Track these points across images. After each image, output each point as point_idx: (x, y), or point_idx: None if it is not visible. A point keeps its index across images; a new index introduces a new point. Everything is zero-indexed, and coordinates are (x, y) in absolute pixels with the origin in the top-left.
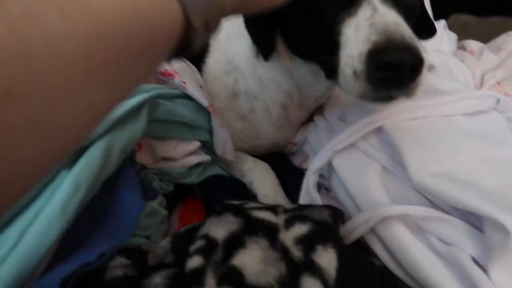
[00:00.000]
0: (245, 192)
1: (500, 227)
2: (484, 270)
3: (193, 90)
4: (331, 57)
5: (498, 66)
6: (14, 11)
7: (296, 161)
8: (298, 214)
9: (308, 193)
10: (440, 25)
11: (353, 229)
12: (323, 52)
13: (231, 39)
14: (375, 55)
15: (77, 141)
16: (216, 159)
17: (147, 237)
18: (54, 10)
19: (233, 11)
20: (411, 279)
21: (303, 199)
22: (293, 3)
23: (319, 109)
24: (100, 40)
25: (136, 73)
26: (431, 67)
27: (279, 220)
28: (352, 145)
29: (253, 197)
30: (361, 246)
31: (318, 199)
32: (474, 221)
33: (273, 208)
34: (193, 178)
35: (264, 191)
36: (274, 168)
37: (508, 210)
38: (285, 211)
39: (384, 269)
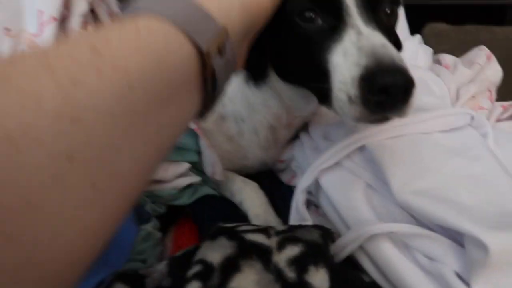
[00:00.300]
0: (236, 211)
1: (480, 244)
2: (468, 284)
3: None
4: (322, 84)
5: (472, 80)
6: (62, 79)
7: (284, 178)
8: (289, 235)
9: (298, 212)
10: (415, 40)
11: (342, 247)
12: (313, 79)
13: None
14: (368, 80)
15: (130, 202)
16: (206, 179)
17: (143, 261)
18: (93, 71)
19: (240, 35)
20: None
21: (293, 218)
22: (279, 33)
23: (304, 126)
24: (133, 92)
25: (171, 118)
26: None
27: (271, 242)
28: (338, 164)
29: (244, 215)
30: (351, 263)
31: (307, 217)
32: (457, 237)
33: (265, 231)
34: (185, 199)
35: (254, 211)
36: (263, 185)
37: (486, 226)
38: (277, 233)
39: (374, 284)
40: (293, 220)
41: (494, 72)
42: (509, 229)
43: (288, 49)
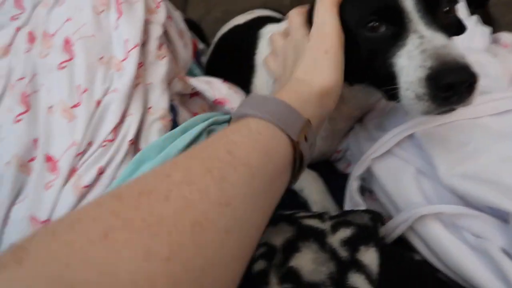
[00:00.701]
0: (296, 198)
1: None
2: None
3: None
4: (390, 85)
5: None
6: (216, 176)
7: (340, 166)
8: (342, 220)
9: (352, 198)
10: (471, 21)
11: (394, 228)
12: (381, 82)
13: None
14: (434, 79)
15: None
16: None
17: None
18: (232, 169)
19: (318, 126)
20: (449, 270)
21: (347, 204)
22: (346, 43)
23: (360, 118)
24: (254, 179)
25: (276, 190)
26: None
27: (326, 226)
28: (389, 152)
29: (303, 202)
30: (403, 243)
31: (360, 203)
32: (504, 215)
33: (320, 216)
34: None
35: (313, 197)
36: (321, 174)
37: None
38: (331, 217)
39: (424, 262)
40: (348, 206)
41: None
42: None
43: (354, 57)
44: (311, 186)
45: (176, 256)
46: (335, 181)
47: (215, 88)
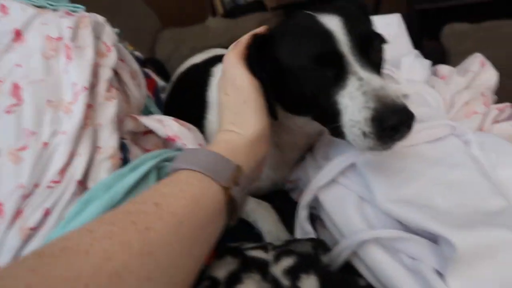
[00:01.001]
0: (251, 229)
1: (448, 243)
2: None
3: None
4: (333, 122)
5: (467, 87)
6: (141, 227)
7: (294, 196)
8: (284, 249)
9: (302, 227)
10: (412, 55)
11: (339, 254)
12: (324, 118)
13: None
14: (378, 120)
15: None
16: None
17: None
18: (158, 219)
19: (254, 170)
20: None
21: (298, 233)
22: (286, 80)
23: (310, 148)
24: (182, 225)
25: (209, 235)
26: (406, 96)
27: (269, 256)
28: (334, 181)
29: (258, 233)
30: (352, 269)
31: (310, 231)
32: (436, 237)
33: (264, 247)
34: None
35: (267, 228)
36: (275, 204)
37: (456, 226)
38: (274, 247)
39: (368, 287)
40: (298, 235)
41: (489, 76)
42: (477, 227)
43: (296, 93)
44: (263, 217)
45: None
46: (290, 210)
47: (166, 125)
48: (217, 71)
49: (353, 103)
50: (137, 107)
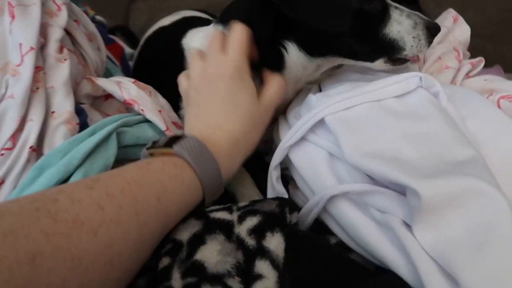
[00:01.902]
0: (225, 193)
1: (414, 192)
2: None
3: (150, 116)
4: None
5: (439, 42)
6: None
7: (268, 159)
8: (249, 209)
9: (273, 188)
10: None
11: (309, 212)
12: (366, 50)
13: None
14: (431, 29)
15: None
16: None
17: None
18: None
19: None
20: (362, 249)
21: (270, 194)
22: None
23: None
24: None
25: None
26: None
27: (233, 217)
28: (304, 139)
29: (231, 197)
30: (324, 227)
31: (282, 192)
32: (404, 189)
33: (228, 208)
34: None
35: (240, 191)
36: (250, 167)
37: (422, 176)
38: (239, 208)
39: (338, 244)
40: (270, 196)
41: (462, 31)
42: (443, 176)
43: (336, 34)
44: (237, 180)
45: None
46: (265, 173)
47: (124, 88)
48: (188, 42)
49: (405, 26)
50: (96, 70)
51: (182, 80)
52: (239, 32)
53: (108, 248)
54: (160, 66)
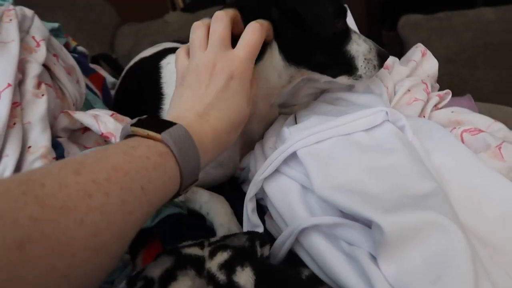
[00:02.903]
0: (202, 225)
1: (378, 226)
2: None
3: None
4: (344, 65)
5: (409, 75)
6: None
7: (245, 188)
8: (220, 244)
9: (249, 220)
10: None
11: (282, 244)
12: (333, 63)
13: None
14: (381, 56)
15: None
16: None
17: (111, 282)
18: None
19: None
20: (333, 282)
21: (245, 225)
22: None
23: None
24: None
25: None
26: (351, 86)
27: (204, 252)
28: (277, 171)
29: (209, 228)
30: (297, 259)
31: (258, 224)
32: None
33: (200, 243)
34: (148, 223)
35: (219, 220)
36: (228, 197)
37: (385, 210)
38: (210, 244)
39: (310, 277)
40: (246, 228)
41: (430, 65)
42: (404, 210)
43: (314, 42)
44: (216, 210)
45: (70, 277)
46: (240, 204)
47: (101, 121)
48: (166, 62)
49: (362, 48)
50: (75, 103)
51: (182, 57)
52: (255, 33)
53: (94, 236)
54: (139, 90)
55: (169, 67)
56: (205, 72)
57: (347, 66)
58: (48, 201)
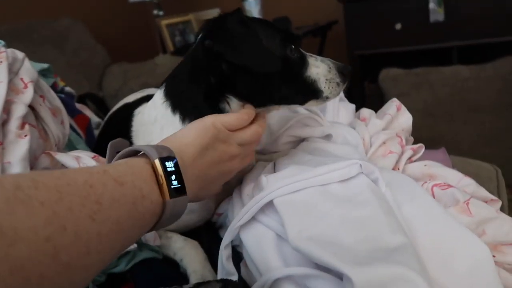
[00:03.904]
0: (176, 270)
1: (348, 278)
2: None
3: None
4: (307, 90)
5: (384, 129)
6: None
7: (222, 233)
8: None
9: (223, 267)
10: (336, 100)
11: None
12: (296, 92)
13: (154, 129)
14: (342, 72)
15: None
16: (142, 243)
17: None
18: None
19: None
20: None
21: (220, 273)
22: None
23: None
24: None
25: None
26: (329, 136)
27: None
28: (254, 219)
29: (184, 274)
30: None
31: (232, 271)
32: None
33: None
34: (122, 267)
35: (192, 267)
36: (203, 243)
37: (356, 263)
38: None
39: None
40: (220, 275)
41: (405, 119)
42: (375, 263)
43: (267, 80)
44: (190, 256)
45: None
46: (217, 249)
47: (83, 163)
48: (138, 111)
49: (322, 69)
50: (57, 144)
51: (210, 123)
52: (257, 134)
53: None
54: (115, 136)
55: (139, 116)
56: (224, 157)
57: (311, 91)
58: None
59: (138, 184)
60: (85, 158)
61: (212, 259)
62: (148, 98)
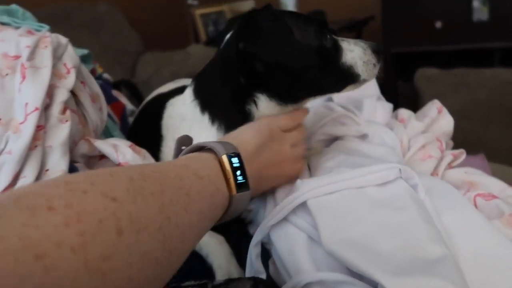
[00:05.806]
0: (203, 264)
1: None
2: None
3: None
4: (344, 77)
5: (424, 131)
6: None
7: (251, 230)
8: None
9: (252, 265)
10: (373, 98)
11: None
12: (332, 82)
13: (182, 126)
14: (377, 52)
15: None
16: None
17: None
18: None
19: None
20: None
21: (248, 271)
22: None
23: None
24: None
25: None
26: (365, 136)
27: None
28: (285, 219)
29: (210, 268)
30: None
31: (261, 270)
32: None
33: (203, 285)
34: None
35: (218, 262)
36: (231, 238)
37: (394, 273)
38: (213, 286)
39: None
40: (249, 273)
41: (446, 122)
42: (414, 275)
43: (303, 74)
44: (216, 251)
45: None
46: (246, 244)
47: (120, 151)
48: (170, 103)
49: (357, 52)
50: (95, 130)
51: (265, 123)
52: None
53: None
54: (147, 127)
55: (170, 108)
56: (279, 157)
57: (348, 76)
58: None
59: (213, 178)
60: (123, 147)
61: (240, 254)
62: (182, 89)
